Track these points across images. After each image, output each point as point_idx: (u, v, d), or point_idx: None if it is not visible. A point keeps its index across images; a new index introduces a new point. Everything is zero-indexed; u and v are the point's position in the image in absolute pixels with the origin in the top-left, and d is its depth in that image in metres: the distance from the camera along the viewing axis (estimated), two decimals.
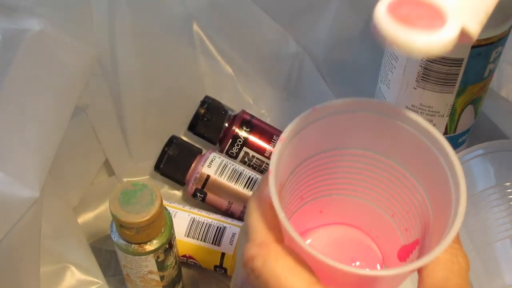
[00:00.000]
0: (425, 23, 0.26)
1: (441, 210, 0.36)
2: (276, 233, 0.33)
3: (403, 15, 0.27)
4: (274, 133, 0.60)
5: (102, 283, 0.52)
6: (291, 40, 0.63)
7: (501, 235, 0.50)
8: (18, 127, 0.44)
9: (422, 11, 0.27)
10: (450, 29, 0.26)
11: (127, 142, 0.60)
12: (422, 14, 0.27)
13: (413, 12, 0.27)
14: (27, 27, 0.45)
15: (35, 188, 0.43)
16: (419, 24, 0.26)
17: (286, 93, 0.66)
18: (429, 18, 0.27)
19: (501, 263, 0.49)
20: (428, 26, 0.26)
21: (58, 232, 0.51)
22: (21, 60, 0.44)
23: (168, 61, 0.60)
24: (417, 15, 0.27)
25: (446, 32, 0.26)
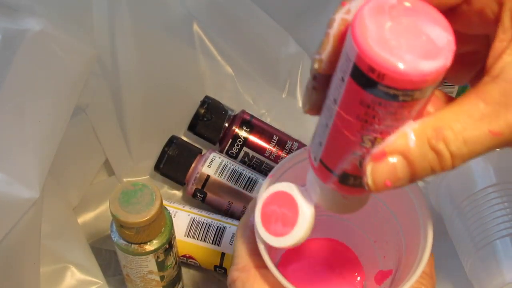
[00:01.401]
0: (284, 223, 0.35)
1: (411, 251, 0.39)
2: (258, 259, 0.38)
3: (271, 214, 0.35)
4: (274, 133, 0.60)
5: (102, 283, 0.52)
6: (291, 40, 0.63)
7: (501, 233, 0.50)
8: (18, 127, 0.44)
9: (283, 209, 0.35)
10: (295, 235, 0.34)
11: (127, 142, 0.60)
12: (283, 212, 0.35)
13: (278, 211, 0.35)
14: (27, 27, 0.45)
15: (35, 188, 0.43)
16: (280, 222, 0.35)
17: (286, 93, 0.66)
18: (285, 222, 0.35)
19: (501, 261, 0.49)
20: (285, 225, 0.35)
21: (58, 232, 0.51)
22: (21, 60, 0.44)
23: (168, 61, 0.60)
24: (282, 217, 0.35)
25: (293, 236, 0.34)
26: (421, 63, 0.25)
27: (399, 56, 0.25)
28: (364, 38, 0.25)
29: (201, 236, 0.55)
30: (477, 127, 0.26)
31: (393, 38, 0.26)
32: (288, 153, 0.60)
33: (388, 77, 0.25)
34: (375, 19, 0.26)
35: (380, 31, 0.26)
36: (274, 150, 0.60)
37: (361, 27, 0.26)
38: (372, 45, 0.25)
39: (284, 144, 0.60)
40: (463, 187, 0.53)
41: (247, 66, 0.64)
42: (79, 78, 0.49)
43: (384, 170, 0.27)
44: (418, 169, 0.27)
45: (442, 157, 0.27)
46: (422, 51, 0.25)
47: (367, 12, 0.26)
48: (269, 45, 0.63)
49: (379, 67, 0.25)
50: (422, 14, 0.26)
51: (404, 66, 0.25)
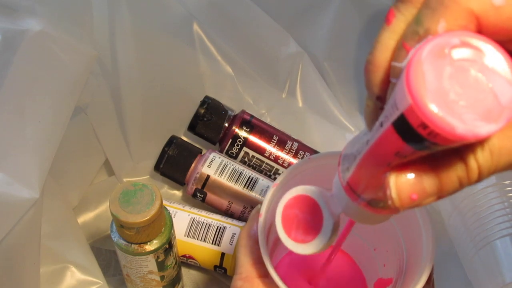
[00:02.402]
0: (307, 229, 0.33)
1: (412, 260, 0.39)
2: (261, 268, 0.38)
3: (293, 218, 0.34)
4: (274, 133, 0.60)
5: (102, 283, 0.52)
6: (291, 40, 0.63)
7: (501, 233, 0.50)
8: (18, 127, 0.44)
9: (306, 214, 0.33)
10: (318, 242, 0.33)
11: (127, 142, 0.60)
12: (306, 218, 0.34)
13: (301, 216, 0.34)
14: (27, 27, 0.45)
15: (35, 188, 0.43)
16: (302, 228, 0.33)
17: (286, 93, 0.66)
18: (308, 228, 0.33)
19: (501, 261, 0.49)
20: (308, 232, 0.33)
21: (58, 232, 0.51)
22: (21, 60, 0.44)
23: (168, 61, 0.60)
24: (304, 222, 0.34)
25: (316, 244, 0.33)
26: (480, 127, 0.22)
27: (459, 116, 0.22)
28: (420, 88, 0.22)
29: (201, 236, 0.55)
30: (504, 137, 0.25)
31: (452, 89, 0.22)
32: (288, 153, 0.60)
33: (441, 137, 0.22)
34: (434, 65, 0.22)
35: (439, 81, 0.22)
36: (274, 150, 0.60)
37: (418, 74, 0.22)
38: (429, 99, 0.22)
39: (284, 144, 0.60)
40: None
41: (247, 66, 0.64)
42: (79, 78, 0.49)
43: (409, 182, 0.25)
44: (445, 181, 0.25)
45: (470, 168, 0.25)
46: (483, 110, 0.22)
47: (425, 55, 0.23)
48: (269, 45, 0.63)
49: (434, 126, 0.22)
50: (487, 57, 0.23)
51: (463, 129, 0.22)
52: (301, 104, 0.65)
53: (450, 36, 0.23)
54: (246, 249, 0.39)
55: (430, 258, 0.36)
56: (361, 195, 0.29)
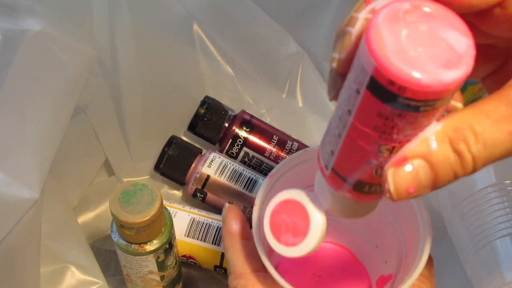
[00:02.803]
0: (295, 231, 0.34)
1: (410, 254, 0.39)
2: (254, 263, 0.38)
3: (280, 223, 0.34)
4: (274, 133, 0.60)
5: (102, 283, 0.52)
6: (291, 40, 0.63)
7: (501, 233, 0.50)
8: (18, 127, 0.44)
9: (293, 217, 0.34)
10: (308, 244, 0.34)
11: (127, 142, 0.60)
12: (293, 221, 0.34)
13: (288, 220, 0.34)
14: (27, 27, 0.45)
15: (35, 188, 0.43)
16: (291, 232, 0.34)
17: (286, 93, 0.66)
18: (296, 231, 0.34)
19: (501, 261, 0.49)
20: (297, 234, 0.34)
21: (58, 232, 0.51)
22: (21, 60, 0.44)
23: (168, 61, 0.60)
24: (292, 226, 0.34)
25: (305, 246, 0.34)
26: (443, 73, 0.24)
27: (420, 68, 0.24)
28: (382, 50, 0.24)
29: (201, 236, 0.55)
30: (497, 128, 0.26)
31: (411, 47, 0.25)
32: (288, 153, 0.60)
33: (409, 90, 0.24)
34: (390, 28, 0.25)
35: (397, 41, 0.25)
36: (274, 150, 0.60)
37: (377, 37, 0.25)
38: (391, 57, 0.24)
39: (284, 144, 0.60)
40: (462, 187, 0.53)
41: (247, 66, 0.64)
42: (79, 78, 0.49)
43: (406, 176, 0.26)
44: (441, 173, 0.26)
45: (464, 159, 0.26)
46: (442, 60, 0.24)
47: (381, 20, 0.25)
48: (269, 45, 0.63)
49: (400, 80, 0.24)
50: (438, 18, 0.25)
51: (426, 78, 0.24)
52: (301, 104, 0.65)
53: (401, 2, 0.25)
54: (233, 248, 0.39)
55: (426, 251, 0.37)
56: (347, 178, 0.30)
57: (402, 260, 0.41)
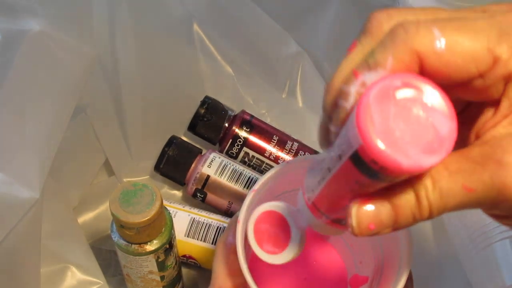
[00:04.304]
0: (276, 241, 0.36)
1: (389, 264, 0.40)
2: (236, 279, 0.39)
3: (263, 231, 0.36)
4: (274, 133, 0.60)
5: (103, 283, 0.52)
6: (291, 40, 0.63)
7: (501, 236, 0.50)
8: (18, 127, 0.44)
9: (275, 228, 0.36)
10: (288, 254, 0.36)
11: (127, 142, 0.60)
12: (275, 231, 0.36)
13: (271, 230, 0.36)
14: (27, 27, 0.45)
15: (35, 189, 0.43)
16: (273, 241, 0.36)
17: (286, 93, 0.66)
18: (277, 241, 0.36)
19: (501, 264, 0.49)
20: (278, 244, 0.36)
21: (58, 232, 0.51)
22: (21, 60, 0.44)
23: (168, 61, 0.60)
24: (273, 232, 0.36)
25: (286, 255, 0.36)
26: (424, 160, 0.25)
27: (403, 152, 0.25)
28: (369, 132, 0.25)
29: (201, 236, 0.55)
30: (452, 180, 0.27)
31: (398, 128, 0.25)
32: (288, 153, 0.60)
33: (389, 170, 0.25)
34: (380, 107, 0.26)
35: (385, 121, 0.25)
36: (274, 150, 0.60)
37: (367, 117, 0.25)
38: (377, 140, 0.25)
39: (284, 144, 0.60)
40: None
41: (247, 66, 0.64)
42: (79, 78, 0.49)
43: (369, 213, 0.28)
44: (401, 215, 0.28)
45: (422, 205, 0.27)
46: (425, 144, 0.25)
47: (372, 99, 0.26)
48: (269, 45, 0.63)
49: (382, 162, 0.25)
50: (426, 97, 0.26)
51: (407, 163, 0.25)
52: (301, 104, 0.65)
53: (393, 78, 0.26)
54: (222, 259, 0.40)
55: (407, 262, 0.37)
56: (326, 214, 0.32)
57: (380, 267, 0.41)
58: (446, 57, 0.27)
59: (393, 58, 0.27)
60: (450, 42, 0.27)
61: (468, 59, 0.27)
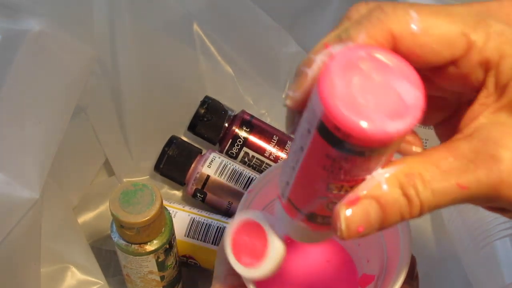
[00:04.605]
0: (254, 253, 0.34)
1: (391, 258, 0.40)
2: (234, 279, 0.38)
3: (241, 243, 0.35)
4: (274, 133, 0.60)
5: (103, 283, 0.52)
6: (291, 40, 0.63)
7: (501, 234, 0.50)
8: (18, 128, 0.44)
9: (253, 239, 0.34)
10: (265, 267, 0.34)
11: (127, 142, 0.60)
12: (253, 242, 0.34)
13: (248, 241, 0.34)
14: (27, 27, 0.45)
15: (35, 189, 0.43)
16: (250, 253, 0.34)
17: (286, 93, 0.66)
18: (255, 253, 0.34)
19: (501, 262, 0.49)
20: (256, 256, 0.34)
21: (58, 232, 0.51)
22: (21, 60, 0.44)
23: (168, 61, 0.60)
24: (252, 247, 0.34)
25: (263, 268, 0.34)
26: (387, 124, 0.25)
27: (366, 116, 0.25)
28: (330, 96, 0.25)
29: (201, 236, 0.55)
30: (445, 179, 0.27)
31: (361, 95, 0.25)
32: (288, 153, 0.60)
33: (353, 137, 0.25)
34: (343, 75, 0.25)
35: (348, 88, 0.25)
36: (274, 150, 0.60)
37: (328, 84, 0.25)
38: (338, 104, 0.25)
39: (284, 144, 0.60)
40: None
41: (247, 66, 0.64)
42: (79, 78, 0.49)
43: (358, 216, 0.27)
44: (389, 214, 0.27)
45: (412, 204, 0.27)
46: (389, 110, 0.25)
47: (335, 67, 0.25)
48: (269, 45, 0.63)
49: (344, 127, 0.25)
50: (392, 68, 0.26)
51: (370, 127, 0.25)
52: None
53: (357, 49, 0.26)
54: (220, 260, 0.40)
55: (406, 258, 0.37)
56: (301, 209, 0.31)
57: (383, 263, 0.41)
58: (420, 39, 0.27)
59: (365, 34, 0.27)
60: (426, 24, 0.27)
61: (442, 42, 0.27)
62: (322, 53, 0.28)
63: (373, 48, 0.26)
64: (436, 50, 0.27)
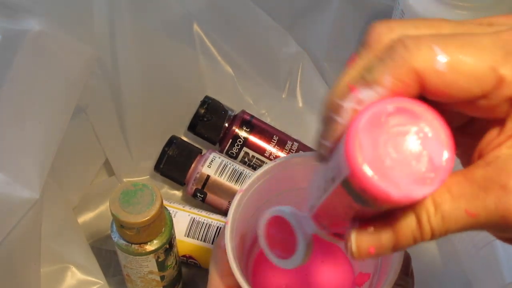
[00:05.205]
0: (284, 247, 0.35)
1: (386, 258, 0.39)
2: (229, 280, 0.39)
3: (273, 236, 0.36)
4: (274, 133, 0.60)
5: (103, 283, 0.52)
6: (291, 40, 0.63)
7: None
8: (18, 128, 0.44)
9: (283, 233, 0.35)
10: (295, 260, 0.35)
11: (127, 142, 0.60)
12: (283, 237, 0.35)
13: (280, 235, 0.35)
14: (27, 27, 0.45)
15: (35, 189, 0.43)
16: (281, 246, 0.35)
17: (286, 93, 0.66)
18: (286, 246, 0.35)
19: (501, 261, 0.49)
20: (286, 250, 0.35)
21: (58, 232, 0.51)
22: (21, 60, 0.44)
23: (168, 61, 0.60)
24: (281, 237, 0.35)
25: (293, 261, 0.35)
26: (415, 190, 0.24)
27: (393, 183, 0.24)
28: (357, 159, 0.24)
29: (201, 236, 0.55)
30: (454, 204, 0.26)
31: (388, 156, 0.24)
32: (288, 153, 0.60)
33: (379, 200, 0.24)
34: (371, 134, 0.24)
35: (375, 149, 0.24)
36: (274, 150, 0.60)
37: (355, 144, 0.24)
38: (365, 169, 0.24)
39: (284, 144, 0.60)
40: None
41: (247, 66, 0.64)
42: (79, 78, 0.49)
43: (368, 237, 0.27)
44: (402, 238, 0.27)
45: (423, 229, 0.27)
46: (417, 174, 0.24)
47: (362, 125, 0.24)
48: (269, 45, 0.63)
49: (371, 192, 0.24)
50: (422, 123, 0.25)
51: (397, 194, 0.24)
52: (301, 104, 0.65)
53: (385, 103, 0.25)
54: (215, 261, 0.40)
55: (399, 254, 0.37)
56: (327, 227, 0.32)
57: (377, 262, 0.41)
58: (448, 77, 0.26)
59: (391, 76, 0.26)
60: (453, 61, 0.25)
61: (471, 79, 0.26)
62: (350, 100, 0.26)
63: (401, 101, 0.25)
64: (464, 87, 0.26)
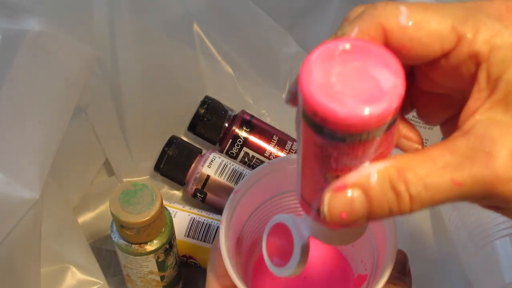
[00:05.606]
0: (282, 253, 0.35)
1: (381, 257, 0.41)
2: (225, 281, 0.39)
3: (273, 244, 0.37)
4: (274, 133, 0.60)
5: (103, 283, 0.52)
6: (291, 40, 0.63)
7: (501, 233, 0.50)
8: (18, 128, 0.44)
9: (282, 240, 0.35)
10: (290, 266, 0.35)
11: (127, 142, 0.60)
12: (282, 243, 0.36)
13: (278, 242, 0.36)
14: (27, 27, 0.45)
15: (35, 189, 0.43)
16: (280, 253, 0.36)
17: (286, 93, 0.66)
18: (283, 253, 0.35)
19: (501, 261, 0.49)
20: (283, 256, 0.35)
21: (58, 232, 0.51)
22: (21, 60, 0.44)
23: (168, 61, 0.60)
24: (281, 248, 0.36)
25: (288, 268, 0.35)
26: (361, 108, 0.25)
27: (340, 101, 0.25)
28: (308, 84, 0.26)
29: (201, 236, 0.55)
30: (439, 174, 0.27)
31: (339, 83, 0.26)
32: (288, 153, 0.60)
33: (329, 121, 0.26)
34: (322, 65, 0.26)
35: (326, 77, 0.26)
36: (274, 150, 0.60)
37: (307, 73, 0.26)
38: (314, 91, 0.26)
39: (284, 144, 0.60)
40: None
41: (247, 66, 0.64)
42: (79, 78, 0.49)
43: (341, 201, 0.28)
44: (376, 207, 0.27)
45: (401, 199, 0.27)
46: (365, 96, 0.26)
47: (315, 58, 0.27)
48: (269, 45, 0.63)
49: (320, 112, 0.26)
50: (373, 57, 0.27)
51: (343, 111, 0.25)
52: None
53: (341, 41, 0.27)
54: (212, 262, 0.40)
55: (392, 254, 0.38)
56: (311, 203, 0.31)
57: (374, 262, 0.41)
58: (410, 32, 0.27)
59: (358, 29, 0.28)
60: (416, 19, 0.27)
61: (432, 36, 0.27)
62: None
63: (357, 40, 0.27)
64: (426, 43, 0.27)
